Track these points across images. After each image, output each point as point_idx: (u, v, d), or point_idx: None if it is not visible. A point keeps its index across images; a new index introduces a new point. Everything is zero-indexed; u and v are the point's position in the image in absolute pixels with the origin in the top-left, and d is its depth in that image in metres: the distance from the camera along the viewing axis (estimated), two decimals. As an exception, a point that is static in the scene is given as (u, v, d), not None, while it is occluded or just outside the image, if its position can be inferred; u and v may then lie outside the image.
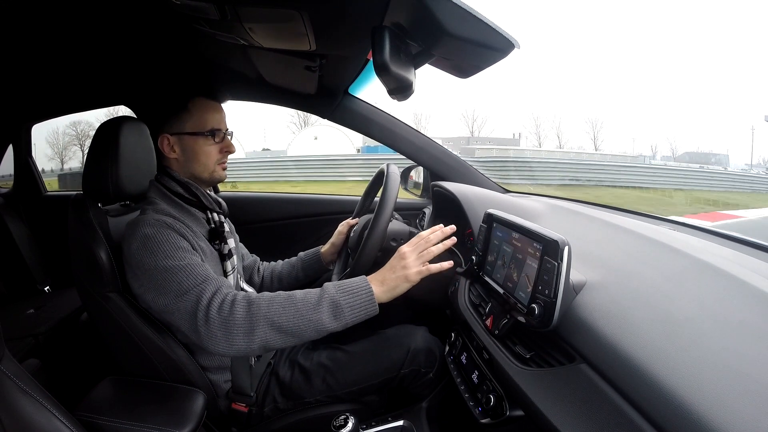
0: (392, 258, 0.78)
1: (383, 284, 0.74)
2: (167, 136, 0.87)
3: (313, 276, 1.19)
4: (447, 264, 0.77)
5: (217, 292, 0.73)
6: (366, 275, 0.78)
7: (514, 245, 0.78)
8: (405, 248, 0.77)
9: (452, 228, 0.80)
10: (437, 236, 0.78)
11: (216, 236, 0.90)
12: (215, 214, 0.92)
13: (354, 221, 1.17)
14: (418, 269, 0.76)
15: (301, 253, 1.20)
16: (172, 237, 0.77)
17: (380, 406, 0.99)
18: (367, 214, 1.16)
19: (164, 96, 0.89)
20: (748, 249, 0.80)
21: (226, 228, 0.94)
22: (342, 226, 1.17)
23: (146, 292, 0.77)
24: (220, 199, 0.95)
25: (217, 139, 0.88)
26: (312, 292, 0.73)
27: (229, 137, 0.92)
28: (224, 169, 0.92)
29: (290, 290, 1.16)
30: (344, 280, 0.75)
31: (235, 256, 0.95)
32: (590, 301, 0.64)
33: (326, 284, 0.75)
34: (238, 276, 0.97)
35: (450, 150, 1.42)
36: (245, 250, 1.19)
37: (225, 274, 0.90)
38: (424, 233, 0.79)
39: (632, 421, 0.47)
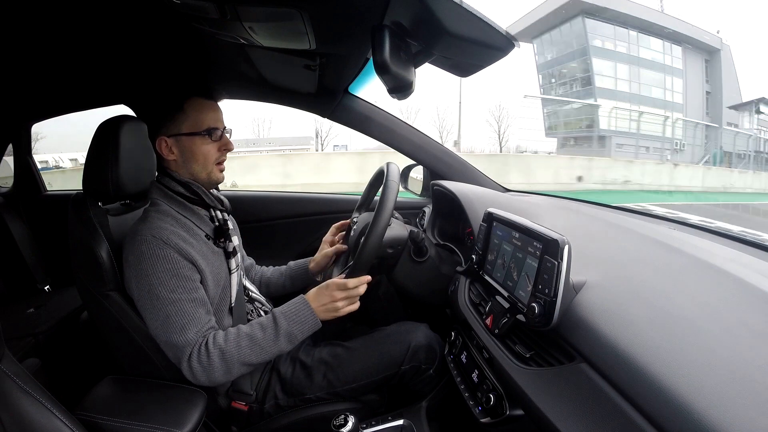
0: (323, 294, 0.87)
1: (317, 313, 0.87)
2: (164, 138, 0.86)
3: (300, 286, 1.16)
4: (354, 306, 0.89)
5: (196, 342, 0.79)
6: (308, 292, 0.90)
7: (514, 244, 0.78)
8: (337, 294, 0.87)
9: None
10: (358, 293, 0.88)
11: (221, 234, 0.90)
12: (218, 212, 0.92)
13: (339, 236, 1.15)
14: (347, 309, 0.88)
15: (291, 263, 1.18)
16: (167, 260, 0.78)
17: (380, 405, 0.99)
18: (367, 211, 1.16)
19: (161, 98, 0.88)
20: (749, 249, 0.80)
21: (230, 225, 0.95)
22: (329, 250, 1.12)
23: (138, 306, 0.81)
24: (222, 197, 0.95)
25: (214, 138, 0.88)
26: (268, 327, 0.84)
27: (228, 135, 0.91)
28: (222, 170, 0.91)
29: (276, 296, 1.16)
30: (290, 308, 0.87)
31: (239, 254, 0.96)
32: (590, 300, 0.64)
33: (276, 313, 0.86)
34: (242, 273, 0.97)
35: (450, 149, 1.42)
36: (243, 252, 1.18)
37: (230, 271, 0.90)
38: (351, 284, 0.87)
39: (632, 420, 0.47)
